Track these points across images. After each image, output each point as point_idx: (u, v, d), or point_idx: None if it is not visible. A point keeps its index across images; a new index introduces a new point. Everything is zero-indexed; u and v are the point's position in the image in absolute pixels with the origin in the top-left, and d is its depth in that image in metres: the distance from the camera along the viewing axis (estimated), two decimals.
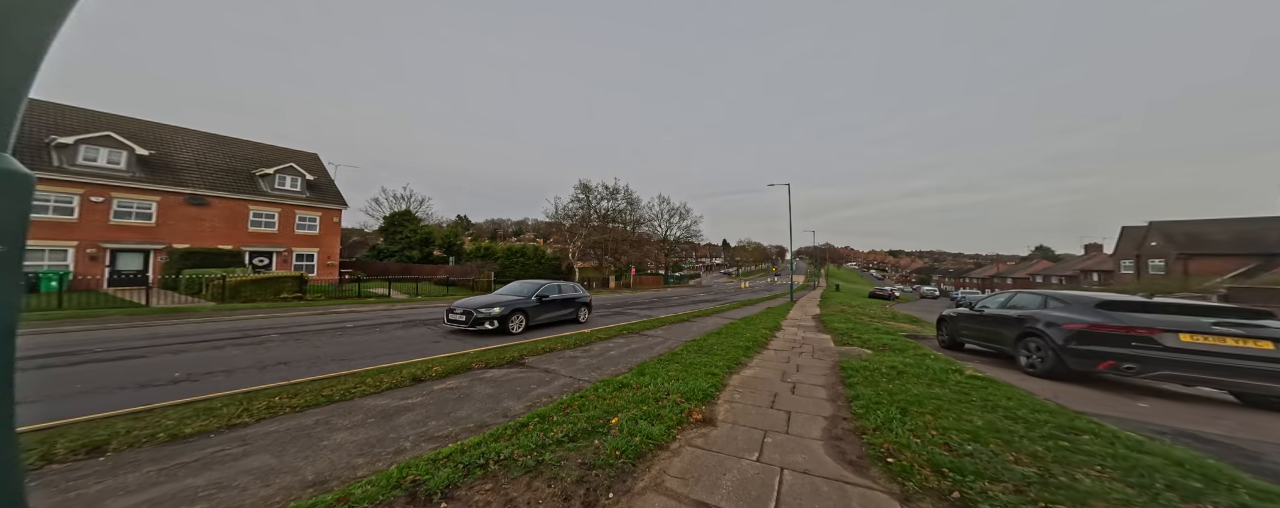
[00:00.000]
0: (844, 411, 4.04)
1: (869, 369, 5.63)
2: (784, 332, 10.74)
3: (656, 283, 49.51)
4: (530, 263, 39.69)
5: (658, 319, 12.78)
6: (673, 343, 8.25)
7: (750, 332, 9.72)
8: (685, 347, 7.38)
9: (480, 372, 5.18)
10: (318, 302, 14.57)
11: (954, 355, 7.71)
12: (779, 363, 6.59)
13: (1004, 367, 6.77)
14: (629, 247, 48.36)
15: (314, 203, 20.78)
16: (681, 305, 20.46)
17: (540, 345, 7.09)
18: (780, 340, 9.18)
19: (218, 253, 15.76)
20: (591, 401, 3.96)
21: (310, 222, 20.69)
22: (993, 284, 72.29)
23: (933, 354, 7.04)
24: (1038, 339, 5.97)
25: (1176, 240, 25.47)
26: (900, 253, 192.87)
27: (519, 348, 6.83)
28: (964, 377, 5.16)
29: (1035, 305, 6.44)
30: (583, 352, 6.92)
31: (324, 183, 22.38)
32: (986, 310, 7.69)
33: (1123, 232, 31.74)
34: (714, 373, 5.35)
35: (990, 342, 7.35)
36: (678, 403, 3.91)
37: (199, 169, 17.88)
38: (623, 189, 45.83)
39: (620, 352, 7.11)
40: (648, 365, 5.71)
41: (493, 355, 6.10)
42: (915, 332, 11.70)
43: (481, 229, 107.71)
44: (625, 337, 8.92)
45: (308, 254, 20.46)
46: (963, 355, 8.09)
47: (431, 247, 35.54)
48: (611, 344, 7.86)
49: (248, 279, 13.44)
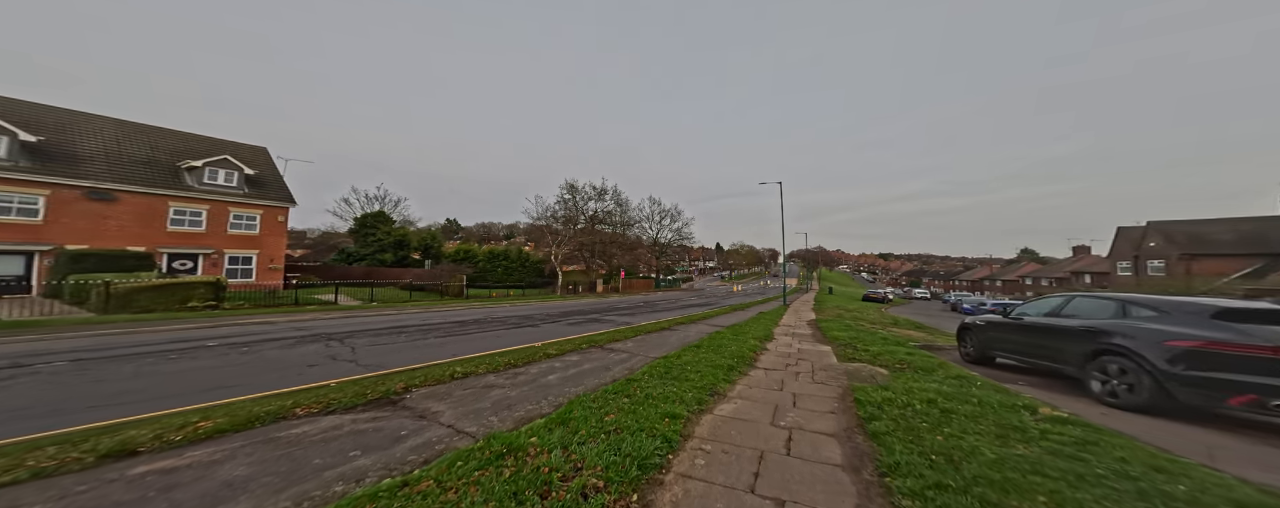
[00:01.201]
0: (878, 496, 2.34)
1: (897, 404, 3.96)
2: (777, 342, 9.06)
3: (647, 287, 47.71)
4: (514, 266, 37.65)
5: (633, 328, 11.01)
6: (638, 361, 6.50)
7: (737, 344, 8.03)
8: (650, 368, 5.63)
9: (296, 424, 3.31)
10: (238, 310, 12.50)
11: (987, 373, 6.11)
12: (770, 391, 4.88)
13: (1064, 392, 5.16)
14: (618, 249, 46.60)
15: (253, 200, 18.58)
16: (667, 310, 18.73)
17: (456, 368, 5.27)
18: (772, 354, 7.50)
19: (120, 255, 13.56)
20: (430, 493, 2.18)
21: (248, 221, 18.49)
22: (983, 287, 72.13)
23: (972, 376, 5.40)
24: (1122, 360, 4.37)
25: (1177, 240, 24.66)
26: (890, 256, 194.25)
27: (420, 373, 4.99)
28: (1045, 419, 3.49)
29: (1108, 314, 4.85)
30: (509, 378, 5.12)
31: (268, 178, 20.18)
32: (1027, 318, 6.11)
33: (1118, 232, 31.04)
34: (676, 414, 3.63)
35: (1037, 358, 5.75)
36: (590, 492, 2.16)
37: (107, 160, 15.64)
38: (611, 190, 44.18)
39: (562, 376, 5.33)
40: (583, 402, 3.95)
41: (367, 387, 4.25)
42: (928, 342, 10.12)
43: (472, 232, 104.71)
44: (582, 352, 7.14)
45: (244, 257, 18.24)
46: (995, 371, 6.49)
47: (406, 249, 33.29)
48: (557, 364, 6.07)
49: (144, 286, 11.33)
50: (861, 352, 7.60)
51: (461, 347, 7.66)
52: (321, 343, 7.08)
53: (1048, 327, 5.59)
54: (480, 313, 14.50)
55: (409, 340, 8.04)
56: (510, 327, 11.13)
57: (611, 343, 8.24)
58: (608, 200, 44.37)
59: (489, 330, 10.22)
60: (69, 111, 16.70)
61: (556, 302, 23.00)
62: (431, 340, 8.16)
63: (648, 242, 54.83)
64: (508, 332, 10.08)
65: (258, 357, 5.94)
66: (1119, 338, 4.44)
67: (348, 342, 7.43)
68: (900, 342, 9.12)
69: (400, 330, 9.39)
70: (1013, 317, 6.40)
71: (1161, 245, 25.73)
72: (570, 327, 11.69)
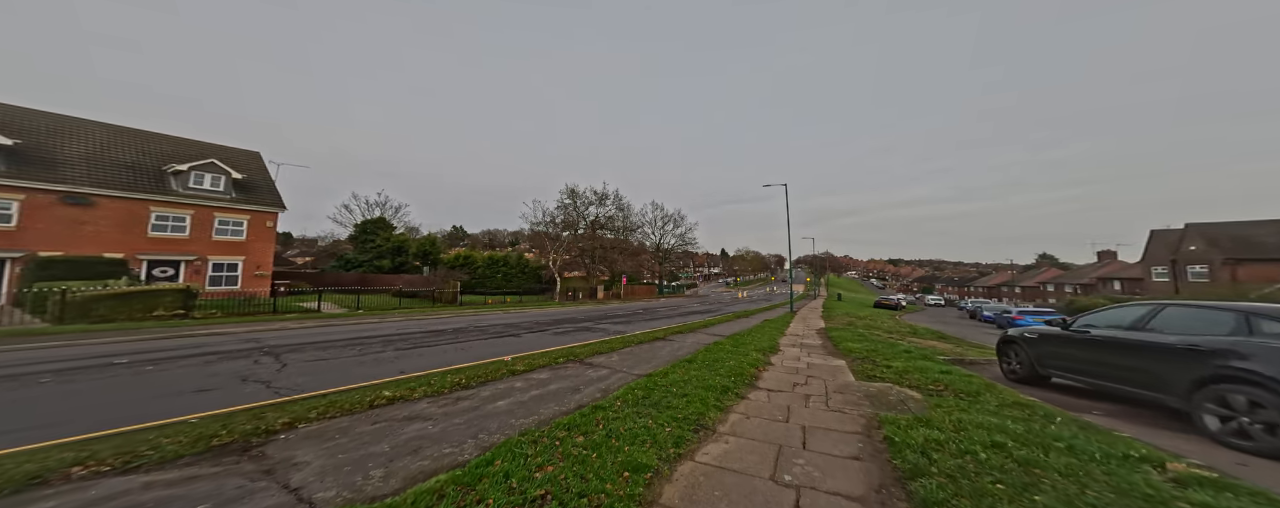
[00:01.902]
0: None
1: (949, 449, 2.88)
2: (783, 355, 7.93)
3: (650, 293, 46.58)
4: (513, 272, 36.91)
5: (623, 338, 9.98)
6: (617, 380, 5.46)
7: (736, 358, 6.94)
8: (627, 391, 4.60)
9: (45, 497, 2.26)
10: (208, 320, 11.74)
11: (1043, 396, 4.94)
12: (772, 422, 3.82)
13: (1158, 425, 3.99)
14: (619, 255, 45.63)
15: (240, 205, 17.93)
16: (666, 318, 17.63)
17: (384, 392, 4.30)
18: (778, 370, 6.39)
19: (92, 262, 12.97)
20: None
21: (235, 226, 17.84)
22: (1000, 293, 69.41)
23: (1036, 404, 4.25)
24: (1255, 391, 3.23)
25: (1221, 244, 22.85)
26: (900, 261, 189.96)
27: (331, 400, 4.01)
28: (1179, 480, 2.37)
29: (1223, 329, 3.69)
30: (446, 405, 4.13)
31: (258, 183, 19.62)
32: (1097, 332, 4.94)
33: (1152, 235, 29.14)
34: (641, 465, 2.64)
35: (1114, 381, 4.57)
36: None
37: (88, 164, 15.17)
38: (612, 195, 43.34)
39: (515, 402, 4.32)
40: (517, 446, 2.94)
41: (234, 424, 3.27)
42: (957, 355, 8.89)
43: (477, 239, 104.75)
44: (554, 368, 6.13)
45: (230, 263, 17.59)
46: (1052, 394, 5.31)
47: (405, 256, 32.72)
48: (519, 384, 5.07)
49: (103, 294, 10.62)
50: (883, 368, 6.45)
51: (419, 361, 6.68)
52: (250, 360, 6.12)
53: (1130, 344, 4.42)
54: (465, 321, 13.58)
55: (361, 354, 7.10)
56: (490, 337, 10.16)
57: (593, 356, 7.21)
58: (609, 205, 43.53)
59: (463, 341, 9.27)
60: (59, 116, 16.44)
61: (552, 309, 22.05)
62: (388, 354, 7.21)
63: (651, 247, 53.84)
64: (483, 342, 9.11)
65: (149, 379, 4.98)
66: (1247, 362, 3.30)
67: (285, 357, 6.46)
68: (926, 355, 7.92)
69: (361, 342, 8.46)
70: (1076, 329, 5.23)
71: (1203, 249, 23.90)
72: (556, 336, 10.68)
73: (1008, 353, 6.45)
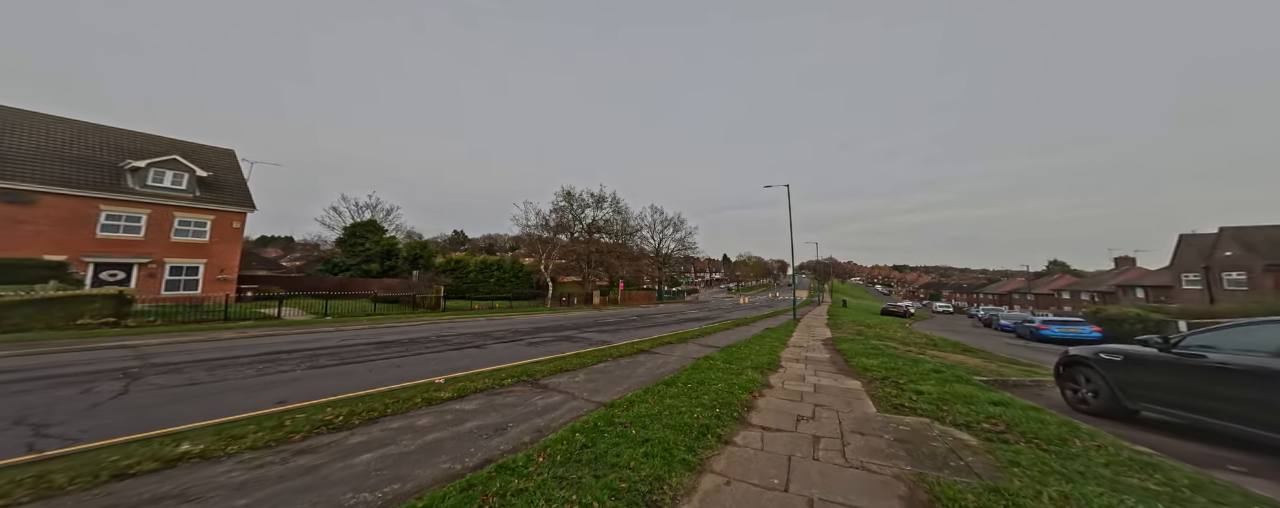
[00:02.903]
0: None
1: None
2: (784, 373, 6.54)
3: (649, 299, 45.08)
4: (506, 277, 35.65)
5: (599, 351, 8.64)
6: (562, 416, 4.14)
7: (727, 378, 5.59)
8: (562, 436, 3.29)
9: None
10: (143, 328, 10.49)
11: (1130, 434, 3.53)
12: (764, 496, 2.46)
13: None
14: (616, 259, 44.26)
15: (203, 204, 16.62)
16: (661, 326, 16.25)
17: (179, 448, 2.98)
18: (778, 395, 5.03)
19: (28, 264, 11.82)
20: None
21: (197, 227, 16.53)
22: (1011, 300, 67.23)
23: (1170, 465, 2.84)
24: None
25: (1259, 249, 21.16)
26: (905, 268, 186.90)
27: (110, 456, 2.69)
28: None
29: None
30: (269, 464, 2.81)
31: (227, 181, 18.36)
32: (1217, 357, 3.58)
33: (1181, 240, 27.39)
34: None
35: (1256, 424, 3.17)
36: None
37: (33, 159, 14.08)
38: (609, 197, 42.15)
39: (386, 456, 2.99)
40: None
41: None
42: (994, 374, 7.43)
43: (477, 244, 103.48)
44: (491, 394, 4.82)
45: (190, 267, 16.24)
46: (1137, 432, 3.91)
47: (394, 259, 31.55)
48: (425, 420, 3.75)
49: (23, 300, 9.42)
50: (911, 393, 5.05)
51: (327, 385, 5.35)
52: (87, 386, 4.74)
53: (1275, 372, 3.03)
54: (432, 330, 12.26)
55: (260, 374, 5.76)
56: (449, 348, 8.83)
57: (552, 376, 5.87)
58: (606, 208, 42.31)
59: (412, 354, 7.95)
60: (11, 109, 15.52)
61: (541, 315, 20.71)
62: (296, 374, 5.87)
63: (650, 252, 52.50)
64: (434, 357, 7.78)
65: None
66: None
67: (144, 382, 5.01)
68: (960, 376, 6.50)
69: (278, 357, 7.08)
70: (1184, 351, 3.83)
71: (1240, 255, 22.20)
72: (530, 347, 9.34)
73: (1074, 377, 5.03)
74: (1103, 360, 4.64)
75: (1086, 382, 4.84)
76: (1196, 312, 17.13)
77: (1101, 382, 4.61)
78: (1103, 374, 4.60)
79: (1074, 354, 5.14)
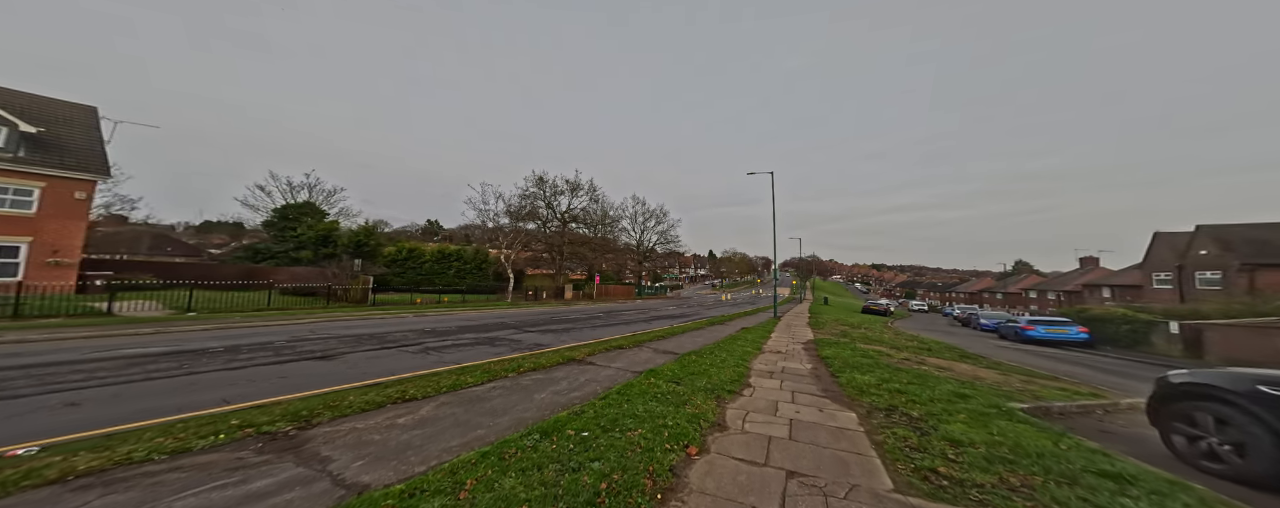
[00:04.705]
0: None
1: None
2: (751, 398, 4.58)
3: (627, 294, 42.88)
4: (468, 268, 32.79)
5: (504, 362, 6.51)
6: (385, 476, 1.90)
7: (654, 419, 3.59)
8: None
9: None
10: None
11: None
12: None
13: None
14: (591, 252, 41.85)
15: (30, 168, 12.97)
16: (626, 324, 14.21)
17: None
18: (725, 456, 3.03)
19: None
20: None
21: (21, 198, 12.92)
22: (982, 299, 68.57)
23: None
24: None
25: (1236, 248, 20.89)
26: (883, 267, 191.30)
27: None
28: None
29: None
30: None
31: (71, 142, 14.49)
32: None
33: (1155, 238, 27.28)
34: None
35: None
36: None
37: None
38: (586, 185, 39.51)
39: None
40: None
41: None
42: (1030, 396, 5.65)
43: (454, 234, 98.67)
44: (145, 487, 2.57)
45: (6, 247, 12.64)
46: None
47: (333, 247, 27.94)
48: None
49: None
50: (941, 443, 3.17)
51: None
52: None
53: None
54: (295, 332, 9.68)
55: None
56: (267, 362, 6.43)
57: (340, 421, 3.73)
58: (582, 196, 39.71)
59: (161, 376, 5.59)
60: None
61: (493, 310, 18.34)
62: None
63: (632, 245, 50.30)
64: (205, 376, 5.45)
65: None
66: None
67: None
68: (995, 404, 4.69)
69: None
70: None
71: (1215, 254, 21.93)
72: (424, 355, 7.12)
73: (1195, 419, 3.21)
74: (1264, 397, 2.80)
75: (1220, 428, 3.01)
76: (1181, 312, 16.39)
77: (1258, 430, 2.78)
78: (1264, 418, 2.76)
79: (1185, 383, 3.32)
